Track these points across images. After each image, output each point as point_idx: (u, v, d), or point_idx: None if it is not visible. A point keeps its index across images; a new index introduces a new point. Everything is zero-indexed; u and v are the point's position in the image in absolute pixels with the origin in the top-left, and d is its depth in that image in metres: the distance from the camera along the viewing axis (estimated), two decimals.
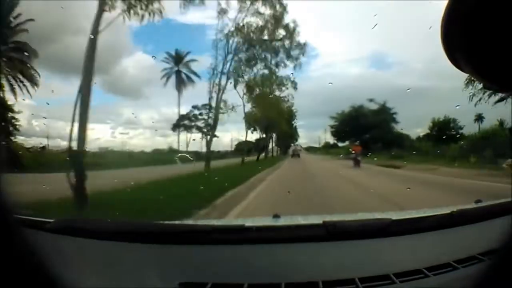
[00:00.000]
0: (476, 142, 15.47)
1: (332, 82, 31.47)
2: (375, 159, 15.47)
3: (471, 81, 12.42)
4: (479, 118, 20.19)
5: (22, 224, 0.46)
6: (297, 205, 4.49)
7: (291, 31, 14.51)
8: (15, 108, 11.28)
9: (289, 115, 22.00)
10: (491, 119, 17.47)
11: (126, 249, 0.89)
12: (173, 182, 7.32)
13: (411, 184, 6.59)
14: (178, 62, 21.54)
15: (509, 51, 0.36)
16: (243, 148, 20.05)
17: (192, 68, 21.12)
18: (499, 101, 12.80)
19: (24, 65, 11.92)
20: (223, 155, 20.26)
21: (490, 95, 13.17)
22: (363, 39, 30.05)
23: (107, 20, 5.59)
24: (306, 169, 13.52)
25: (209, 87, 13.76)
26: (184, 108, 23.45)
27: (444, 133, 19.60)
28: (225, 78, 13.91)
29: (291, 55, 15.07)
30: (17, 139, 10.87)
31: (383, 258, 0.89)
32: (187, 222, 2.01)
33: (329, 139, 29.94)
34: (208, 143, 13.78)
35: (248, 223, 1.02)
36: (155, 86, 22.73)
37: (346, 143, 24.58)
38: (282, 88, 18.34)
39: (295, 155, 26.03)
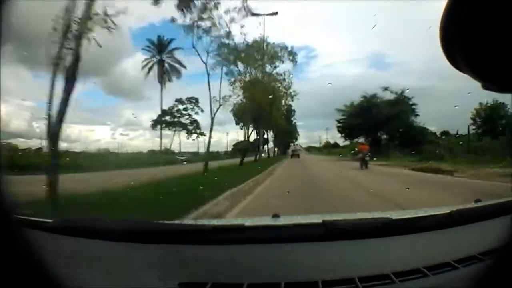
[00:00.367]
0: None
1: (332, 83, 31.47)
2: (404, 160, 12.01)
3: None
4: None
5: (22, 224, 0.46)
6: None
7: None
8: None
9: (288, 99, 16.07)
10: None
11: (126, 249, 0.89)
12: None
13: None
14: (161, 51, 18.67)
15: (509, 52, 0.36)
16: (240, 149, 16.17)
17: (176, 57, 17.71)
18: None
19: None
20: (215, 157, 16.98)
21: None
22: (363, 40, 30.33)
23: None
24: (310, 179, 9.06)
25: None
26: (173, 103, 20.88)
27: (495, 123, 15.38)
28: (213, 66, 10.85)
29: None
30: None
31: (383, 258, 0.89)
32: (187, 222, 2.02)
33: (330, 139, 29.53)
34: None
35: (248, 223, 1.02)
36: (155, 86, 22.66)
37: (354, 141, 21.29)
38: (276, 63, 12.79)
39: (295, 155, 25.84)
